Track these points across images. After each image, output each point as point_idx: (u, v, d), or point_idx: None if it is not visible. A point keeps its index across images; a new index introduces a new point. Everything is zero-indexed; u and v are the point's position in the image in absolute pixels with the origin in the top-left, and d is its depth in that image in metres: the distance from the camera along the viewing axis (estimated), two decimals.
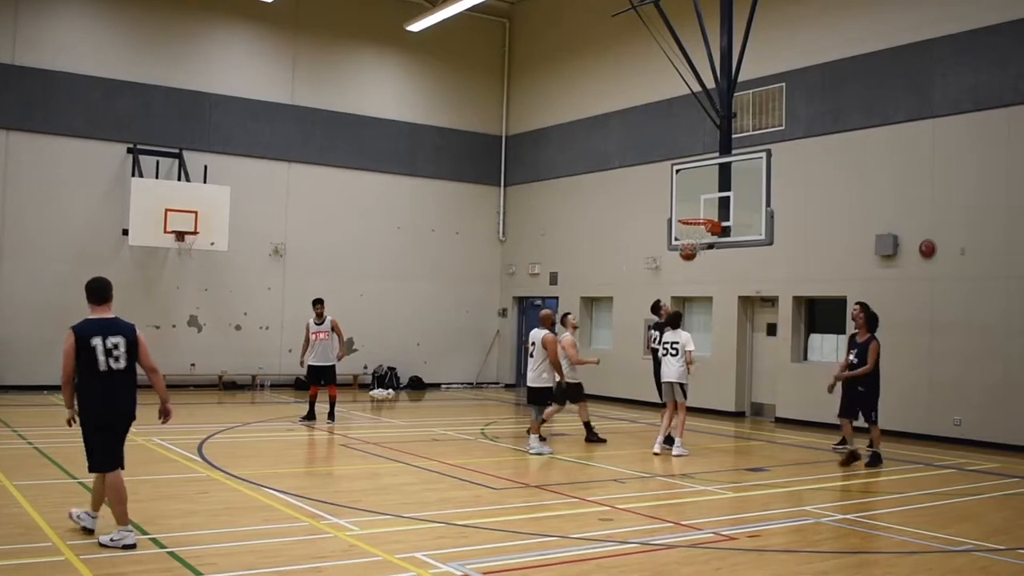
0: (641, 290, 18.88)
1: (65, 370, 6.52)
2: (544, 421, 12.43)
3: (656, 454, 11.95)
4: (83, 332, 6.55)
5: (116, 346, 6.59)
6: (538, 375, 12.03)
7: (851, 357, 11.67)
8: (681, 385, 12.15)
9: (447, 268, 22.94)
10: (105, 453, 6.65)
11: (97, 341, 6.53)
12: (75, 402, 6.60)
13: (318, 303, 14.85)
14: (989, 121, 13.88)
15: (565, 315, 13.74)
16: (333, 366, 14.70)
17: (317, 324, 14.70)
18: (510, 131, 23.83)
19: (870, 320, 11.84)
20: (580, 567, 6.35)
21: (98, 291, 6.76)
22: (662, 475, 10.62)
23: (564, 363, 13.02)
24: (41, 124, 18.27)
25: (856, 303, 12.90)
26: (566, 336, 13.10)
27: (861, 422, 11.85)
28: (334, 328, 14.67)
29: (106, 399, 6.58)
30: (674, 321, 12.49)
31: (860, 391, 11.54)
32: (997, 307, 13.63)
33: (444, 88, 23.08)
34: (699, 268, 17.02)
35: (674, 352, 12.14)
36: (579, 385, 13.13)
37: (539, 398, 12.08)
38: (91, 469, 6.70)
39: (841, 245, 15.69)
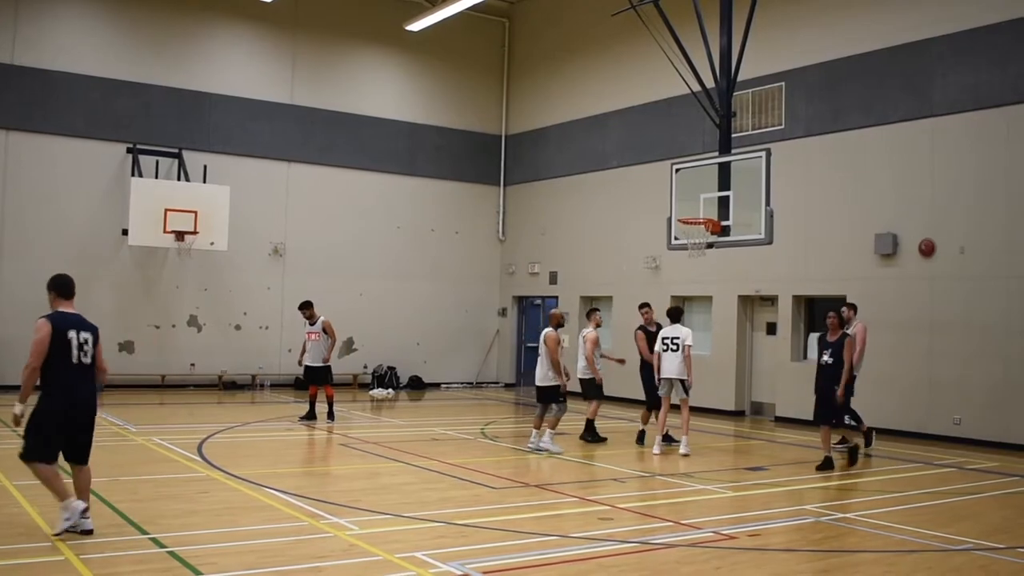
0: (641, 290, 18.86)
1: (39, 357, 6.57)
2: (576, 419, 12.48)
3: (657, 454, 11.92)
4: (60, 324, 6.68)
5: (87, 341, 6.79)
6: (544, 373, 12.01)
7: (825, 358, 11.21)
8: (682, 381, 12.10)
9: (447, 268, 22.94)
10: (55, 445, 6.68)
11: (72, 334, 6.69)
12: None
13: (304, 307, 14.86)
14: (988, 120, 13.88)
15: (591, 311, 13.67)
16: (325, 367, 14.63)
17: (309, 324, 14.72)
18: (510, 131, 23.82)
19: (843, 321, 11.67)
20: (580, 566, 6.35)
21: (66, 286, 6.92)
22: (662, 474, 10.62)
23: (580, 361, 13.04)
24: (41, 124, 18.27)
25: (846, 304, 12.94)
26: (590, 333, 13.08)
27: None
28: (325, 328, 14.64)
29: (75, 391, 6.72)
30: (674, 316, 12.43)
31: (836, 390, 11.06)
32: (997, 306, 13.63)
33: (444, 88, 23.08)
34: (699, 267, 17.02)
35: (674, 348, 12.06)
36: (592, 381, 13.10)
37: (546, 396, 12.04)
38: (29, 457, 6.64)
39: (840, 244, 15.69)
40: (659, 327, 13.20)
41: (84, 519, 6.74)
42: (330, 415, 14.47)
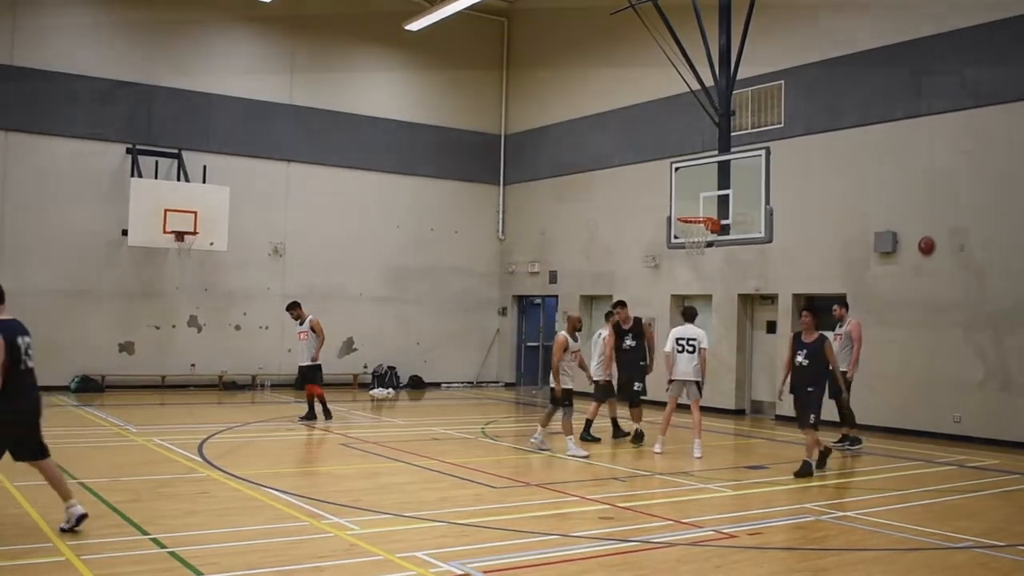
0: (641, 288, 18.88)
1: (2, 366, 6.56)
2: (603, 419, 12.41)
3: (658, 453, 11.89)
4: (10, 332, 6.72)
5: (30, 346, 6.85)
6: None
7: (800, 359, 10.55)
8: (697, 383, 11.97)
9: (447, 267, 22.94)
10: (2, 449, 6.77)
11: (20, 340, 6.75)
12: None
13: (291, 307, 14.92)
14: (988, 118, 13.88)
15: (610, 313, 13.60)
16: (313, 366, 14.58)
17: (298, 325, 14.73)
18: (509, 130, 23.82)
19: (817, 320, 11.06)
20: (581, 565, 6.35)
21: (1, 293, 6.93)
22: (662, 473, 10.62)
23: (595, 362, 12.99)
24: (40, 125, 18.26)
25: (837, 303, 12.93)
26: (610, 336, 13.04)
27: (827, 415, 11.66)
28: (313, 327, 14.63)
29: (28, 396, 6.80)
30: (689, 316, 12.26)
31: (809, 391, 10.48)
32: (997, 304, 13.62)
33: (443, 87, 23.08)
34: (699, 266, 17.03)
35: (691, 349, 11.90)
36: (608, 384, 13.03)
37: (555, 398, 11.93)
38: None
39: (840, 242, 15.69)
40: (637, 321, 13.08)
41: (74, 507, 6.76)
42: (326, 414, 14.44)
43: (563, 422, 11.86)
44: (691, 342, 11.95)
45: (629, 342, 12.94)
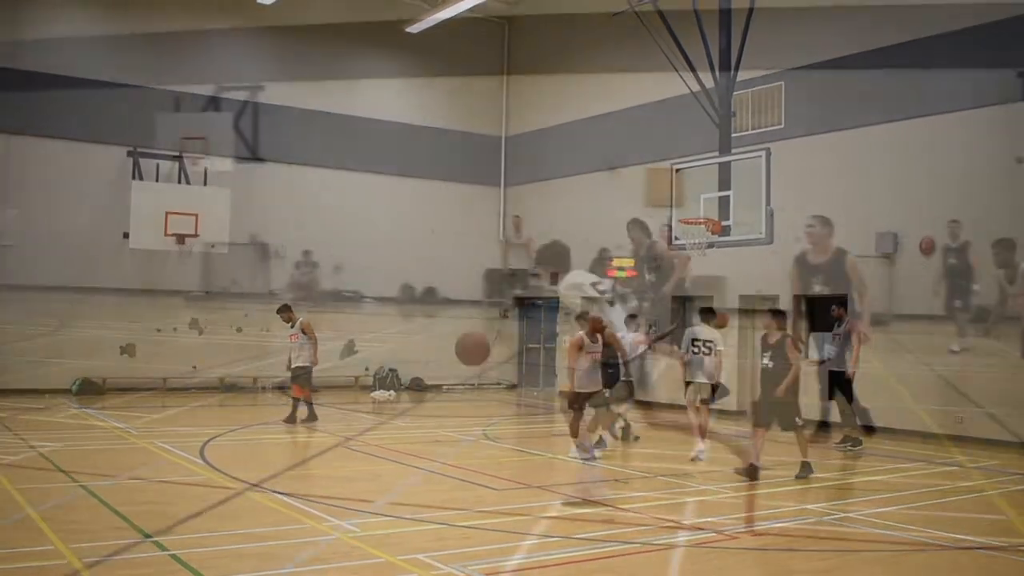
0: (642, 288, 18.86)
1: None
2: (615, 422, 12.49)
3: (700, 458, 11.39)
4: None
5: None
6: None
7: (765, 361, 10.40)
8: (713, 386, 11.84)
9: (448, 269, 22.94)
10: None
11: None
12: None
13: (282, 310, 14.93)
14: (988, 118, 13.87)
15: (631, 316, 13.58)
16: (300, 367, 14.51)
17: (290, 328, 14.75)
18: (510, 132, 23.82)
19: (782, 319, 10.91)
20: (582, 567, 6.35)
21: None
22: (664, 475, 10.61)
23: None
24: (41, 127, 18.28)
25: (835, 303, 12.92)
26: (630, 336, 13.03)
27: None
28: (304, 329, 14.62)
29: None
30: (706, 317, 12.08)
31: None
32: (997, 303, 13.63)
33: (444, 89, 23.09)
34: (699, 267, 17.01)
35: (707, 351, 11.76)
36: (628, 383, 12.98)
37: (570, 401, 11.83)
38: None
39: (841, 243, 15.67)
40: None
41: None
42: (290, 418, 14.31)
43: (570, 423, 11.77)
44: (707, 344, 11.74)
45: None
